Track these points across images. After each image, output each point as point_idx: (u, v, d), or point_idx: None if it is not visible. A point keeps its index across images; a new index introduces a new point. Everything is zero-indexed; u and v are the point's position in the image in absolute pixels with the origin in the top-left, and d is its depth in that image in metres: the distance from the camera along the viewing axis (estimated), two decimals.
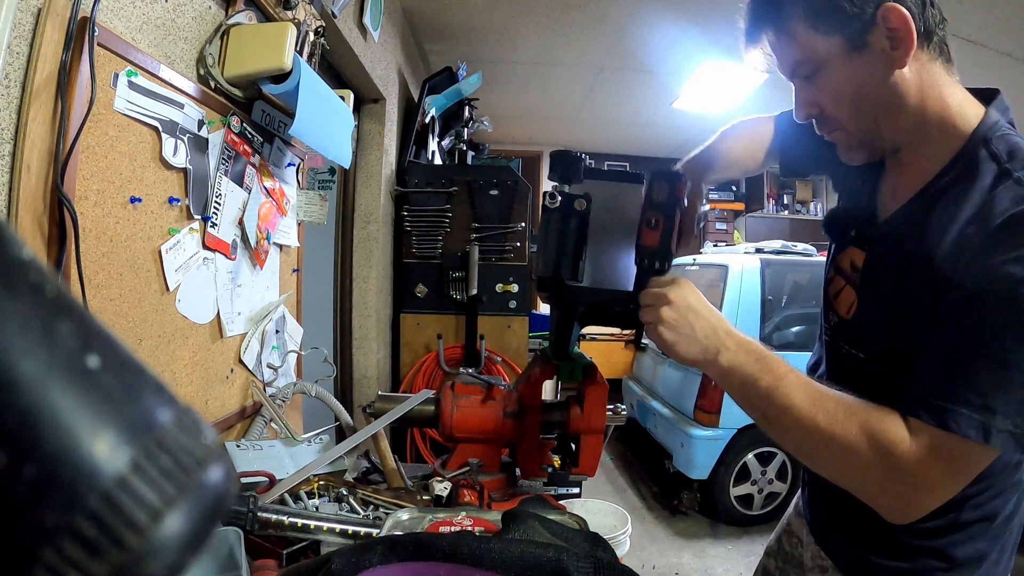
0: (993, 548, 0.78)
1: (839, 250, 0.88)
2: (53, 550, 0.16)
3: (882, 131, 0.73)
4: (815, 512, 0.98)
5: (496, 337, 2.75)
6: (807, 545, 0.99)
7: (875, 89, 0.70)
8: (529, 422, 1.09)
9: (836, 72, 0.71)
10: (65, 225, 0.81)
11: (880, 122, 0.73)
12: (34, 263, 0.19)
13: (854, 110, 0.73)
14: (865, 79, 0.70)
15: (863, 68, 0.70)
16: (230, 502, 0.20)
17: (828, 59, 0.70)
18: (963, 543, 0.77)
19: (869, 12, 0.67)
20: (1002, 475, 0.76)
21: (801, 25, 0.71)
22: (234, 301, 1.30)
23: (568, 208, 0.96)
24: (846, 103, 0.72)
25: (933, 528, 0.76)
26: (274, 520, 0.84)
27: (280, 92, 1.23)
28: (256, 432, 1.34)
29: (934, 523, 0.74)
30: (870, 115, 0.72)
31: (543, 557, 0.61)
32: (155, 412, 0.19)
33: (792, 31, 0.72)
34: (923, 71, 0.71)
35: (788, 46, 0.73)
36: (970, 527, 0.77)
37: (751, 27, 0.77)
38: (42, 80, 0.77)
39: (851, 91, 0.71)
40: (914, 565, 0.80)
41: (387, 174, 2.69)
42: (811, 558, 0.96)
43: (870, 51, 0.69)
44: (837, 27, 0.69)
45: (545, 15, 2.96)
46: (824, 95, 0.73)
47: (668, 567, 2.79)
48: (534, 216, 2.97)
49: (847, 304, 0.83)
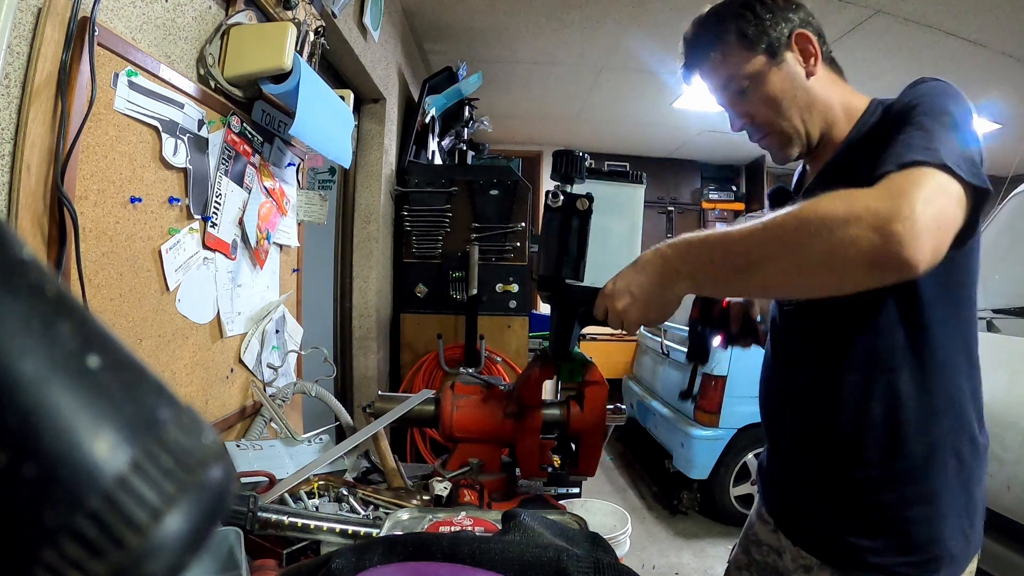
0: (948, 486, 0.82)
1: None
2: (53, 550, 0.16)
3: (807, 126, 0.91)
4: (783, 513, 1.00)
5: (496, 337, 2.75)
6: (784, 549, 0.99)
7: (796, 94, 0.90)
8: (529, 422, 1.09)
9: (765, 83, 0.89)
10: (65, 225, 0.81)
11: (804, 119, 0.91)
12: (34, 263, 0.19)
13: (783, 111, 0.90)
14: (787, 86, 0.89)
15: (785, 77, 0.89)
16: (230, 502, 0.20)
17: (757, 73, 0.89)
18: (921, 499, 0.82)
19: (785, 35, 0.89)
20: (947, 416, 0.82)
21: (734, 47, 0.90)
22: (234, 301, 1.30)
23: (570, 208, 0.96)
24: (775, 106, 0.90)
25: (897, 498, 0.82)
26: (274, 520, 0.84)
27: (280, 92, 1.23)
28: (256, 432, 1.34)
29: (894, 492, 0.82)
30: (797, 115, 0.90)
31: (543, 557, 0.61)
32: (155, 412, 0.19)
33: (727, 52, 0.90)
34: (827, 78, 0.92)
35: (723, 65, 0.91)
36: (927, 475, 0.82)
37: (693, 54, 0.95)
38: (42, 80, 0.77)
39: (778, 96, 0.89)
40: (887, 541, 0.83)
41: (387, 174, 2.69)
42: (791, 560, 0.96)
43: (788, 64, 0.89)
44: (758, 48, 0.89)
45: (545, 15, 2.96)
46: (756, 105, 0.91)
47: (668, 567, 2.79)
48: (534, 216, 2.97)
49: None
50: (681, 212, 6.32)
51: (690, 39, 0.96)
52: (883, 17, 2.80)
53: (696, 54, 0.95)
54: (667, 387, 3.62)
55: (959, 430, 0.83)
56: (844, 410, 0.85)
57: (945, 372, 0.83)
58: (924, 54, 3.17)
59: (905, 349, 0.81)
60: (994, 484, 1.69)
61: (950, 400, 0.83)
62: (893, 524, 0.83)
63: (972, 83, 3.52)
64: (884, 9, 2.73)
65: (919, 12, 2.75)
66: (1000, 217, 2.41)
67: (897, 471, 0.83)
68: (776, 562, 1.03)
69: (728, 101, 0.94)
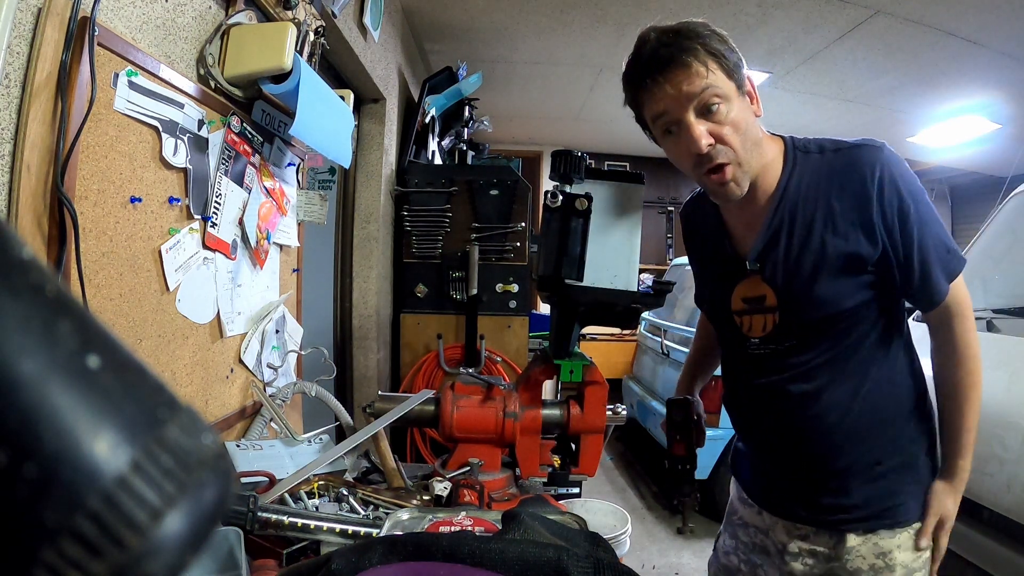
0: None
1: (725, 302, 1.06)
2: (53, 550, 0.16)
3: (752, 164, 0.95)
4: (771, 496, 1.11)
5: (496, 337, 2.75)
6: (771, 527, 1.11)
7: (750, 129, 0.93)
8: (529, 422, 1.09)
9: (735, 108, 0.91)
10: (65, 225, 0.81)
11: (752, 156, 0.94)
12: (34, 263, 0.19)
13: (745, 140, 0.92)
14: (748, 119, 0.93)
15: (746, 110, 0.93)
16: (230, 502, 0.20)
17: (730, 95, 0.90)
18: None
19: (741, 71, 0.93)
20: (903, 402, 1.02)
21: (716, 62, 0.89)
22: (234, 301, 1.30)
23: (569, 208, 0.96)
24: (740, 133, 0.91)
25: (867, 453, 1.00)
26: (274, 520, 0.84)
27: (280, 92, 1.23)
28: (256, 432, 1.34)
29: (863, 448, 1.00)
30: (751, 150, 0.94)
31: (543, 557, 0.61)
32: (155, 412, 0.19)
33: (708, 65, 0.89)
34: (760, 126, 0.98)
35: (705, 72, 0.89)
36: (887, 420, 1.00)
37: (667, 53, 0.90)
38: (42, 80, 0.77)
39: (742, 125, 0.92)
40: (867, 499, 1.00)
41: (387, 174, 2.69)
42: (785, 533, 1.08)
43: (745, 100, 0.93)
44: (733, 75, 0.91)
45: (545, 15, 2.96)
46: (724, 126, 0.91)
47: (668, 567, 2.79)
48: (534, 216, 2.97)
49: (760, 325, 1.02)
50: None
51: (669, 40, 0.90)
52: (883, 17, 2.80)
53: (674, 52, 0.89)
54: (667, 387, 3.62)
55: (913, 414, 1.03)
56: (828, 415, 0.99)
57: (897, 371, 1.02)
58: (924, 54, 3.17)
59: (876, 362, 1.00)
60: (994, 484, 1.69)
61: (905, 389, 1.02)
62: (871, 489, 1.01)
63: (972, 83, 3.52)
64: (884, 9, 2.73)
65: (919, 12, 2.74)
66: (1000, 217, 2.40)
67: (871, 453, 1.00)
68: (764, 541, 1.13)
69: (695, 113, 0.90)
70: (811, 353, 0.99)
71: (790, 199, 0.97)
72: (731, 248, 1.06)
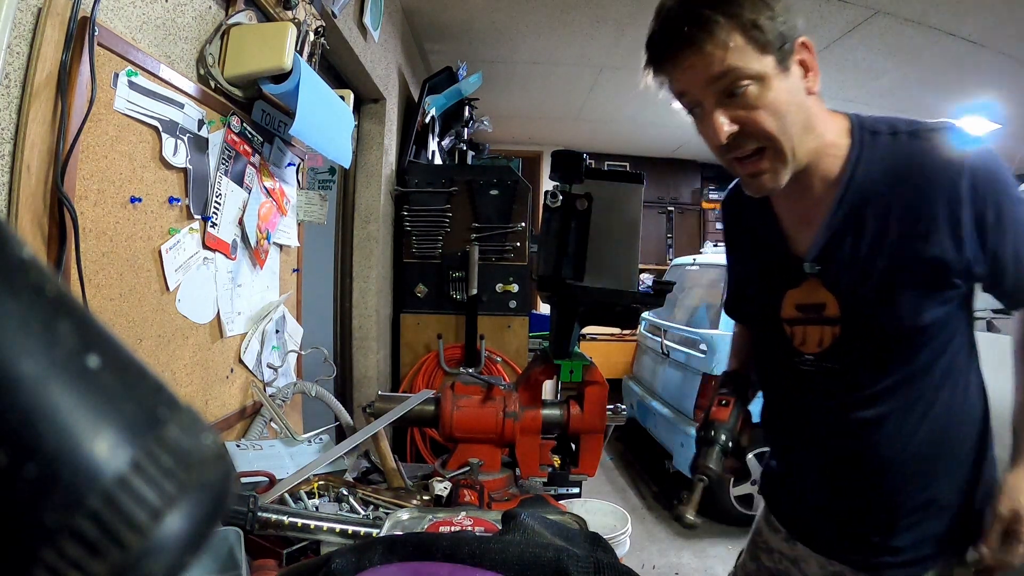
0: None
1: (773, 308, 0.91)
2: (53, 550, 0.16)
3: (799, 152, 0.79)
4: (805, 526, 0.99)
5: (496, 337, 2.75)
6: (803, 559, 0.99)
7: (797, 109, 0.78)
8: (529, 422, 1.09)
9: (772, 88, 0.75)
10: (65, 225, 0.81)
11: (799, 143, 0.79)
12: (34, 263, 0.19)
13: (785, 124, 0.77)
14: (790, 99, 0.77)
15: (789, 90, 0.77)
16: (230, 502, 0.20)
17: (764, 75, 0.75)
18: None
19: (791, 39, 0.76)
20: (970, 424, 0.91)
21: (743, 37, 0.73)
22: (234, 301, 1.30)
23: (569, 208, 0.96)
24: (780, 117, 0.76)
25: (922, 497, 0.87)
26: (274, 520, 0.84)
27: (280, 92, 1.23)
28: (256, 432, 1.34)
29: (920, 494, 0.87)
30: (796, 135, 0.78)
31: (543, 557, 0.61)
32: (155, 412, 0.19)
33: (733, 39, 0.73)
34: (818, 100, 0.81)
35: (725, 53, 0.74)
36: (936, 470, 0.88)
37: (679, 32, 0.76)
38: (42, 80, 0.77)
39: (782, 108, 0.76)
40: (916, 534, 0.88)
41: (387, 174, 2.69)
42: (819, 568, 0.97)
43: (791, 75, 0.77)
44: (770, 48, 0.74)
45: (545, 15, 2.96)
46: (756, 110, 0.76)
47: (668, 567, 2.79)
48: (534, 216, 2.97)
49: (816, 339, 0.88)
50: (681, 212, 6.32)
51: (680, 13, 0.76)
52: (883, 17, 2.80)
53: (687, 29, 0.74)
54: (667, 387, 3.62)
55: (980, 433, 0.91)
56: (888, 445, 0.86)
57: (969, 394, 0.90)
58: (924, 54, 3.17)
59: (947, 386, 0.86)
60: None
61: (973, 415, 0.91)
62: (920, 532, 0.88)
63: (972, 83, 3.52)
64: (884, 9, 2.73)
65: (919, 12, 2.74)
66: None
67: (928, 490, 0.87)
68: (789, 569, 1.02)
69: (716, 97, 0.76)
70: (876, 375, 0.84)
71: (858, 189, 0.81)
72: (783, 245, 0.90)
